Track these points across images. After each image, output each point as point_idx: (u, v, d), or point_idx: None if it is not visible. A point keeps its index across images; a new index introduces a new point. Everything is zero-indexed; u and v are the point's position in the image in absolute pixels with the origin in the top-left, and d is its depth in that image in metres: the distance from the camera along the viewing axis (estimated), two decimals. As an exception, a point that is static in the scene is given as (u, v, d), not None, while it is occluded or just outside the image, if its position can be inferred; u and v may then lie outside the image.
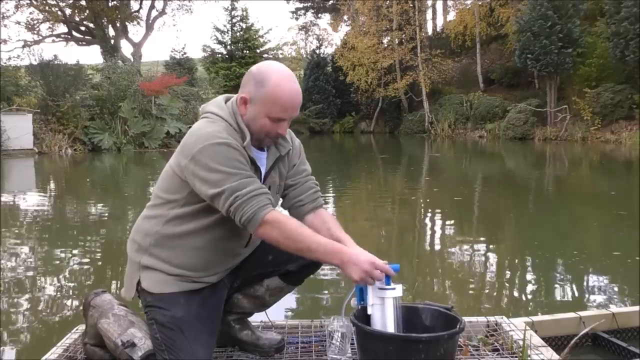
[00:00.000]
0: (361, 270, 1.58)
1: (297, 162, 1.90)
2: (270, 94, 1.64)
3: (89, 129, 19.15)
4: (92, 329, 1.87)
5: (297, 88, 1.68)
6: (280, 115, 1.66)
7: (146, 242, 1.77)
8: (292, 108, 1.67)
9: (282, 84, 1.65)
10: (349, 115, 33.01)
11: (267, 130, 1.68)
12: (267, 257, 1.90)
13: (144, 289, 1.77)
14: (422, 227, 6.63)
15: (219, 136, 1.62)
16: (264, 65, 1.70)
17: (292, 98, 1.66)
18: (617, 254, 4.93)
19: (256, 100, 1.66)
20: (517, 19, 23.02)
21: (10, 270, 4.56)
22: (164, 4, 33.37)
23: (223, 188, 1.59)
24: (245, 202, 1.59)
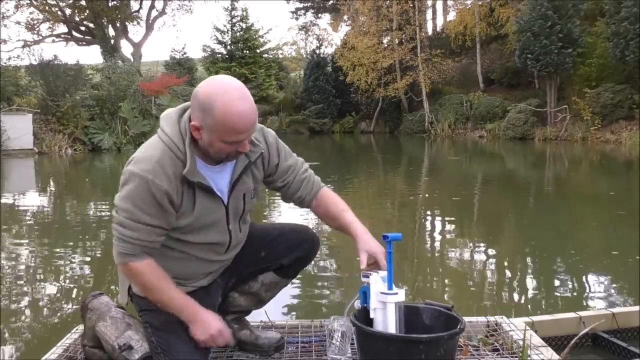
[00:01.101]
0: (208, 332, 1.67)
1: (278, 161, 1.84)
2: (220, 121, 1.52)
3: (89, 129, 19.16)
4: (91, 331, 1.87)
5: (246, 108, 1.54)
6: (236, 138, 1.57)
7: None
8: (246, 129, 1.56)
9: (230, 109, 1.52)
10: (349, 115, 33.01)
11: (227, 152, 1.61)
12: (260, 254, 1.90)
13: (135, 293, 1.77)
14: (422, 227, 6.63)
15: (147, 169, 1.57)
16: (207, 88, 1.56)
17: (243, 120, 1.54)
18: (617, 254, 4.93)
19: (207, 128, 1.55)
20: (517, 19, 23.02)
21: (10, 271, 4.55)
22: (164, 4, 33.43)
23: (115, 215, 1.63)
24: (123, 241, 1.61)
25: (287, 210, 6.96)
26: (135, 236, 1.60)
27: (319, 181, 1.93)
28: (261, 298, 1.99)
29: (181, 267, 1.75)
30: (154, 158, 1.59)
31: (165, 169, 1.58)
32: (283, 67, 38.67)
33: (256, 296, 1.98)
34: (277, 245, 1.90)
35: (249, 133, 1.59)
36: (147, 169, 1.57)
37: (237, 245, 1.86)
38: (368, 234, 1.81)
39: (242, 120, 1.54)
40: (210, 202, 1.68)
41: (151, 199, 1.57)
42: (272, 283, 1.96)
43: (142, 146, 1.67)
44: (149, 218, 1.59)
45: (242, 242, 1.89)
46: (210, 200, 1.68)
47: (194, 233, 1.70)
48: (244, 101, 1.55)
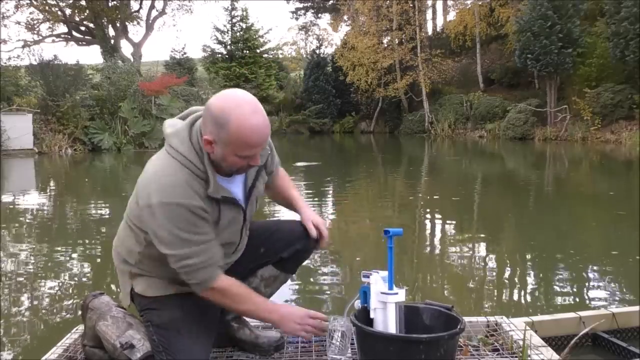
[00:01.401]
0: (295, 323, 1.75)
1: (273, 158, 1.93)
2: (234, 136, 1.53)
3: (89, 129, 19.16)
4: (91, 331, 1.87)
5: (260, 122, 1.55)
6: (250, 152, 1.58)
7: (131, 259, 1.77)
8: (260, 143, 1.58)
9: (244, 123, 1.53)
10: (349, 115, 33.01)
11: (239, 166, 1.63)
12: (259, 250, 1.90)
13: (138, 293, 1.77)
14: (422, 227, 6.63)
15: (178, 194, 1.55)
16: (221, 102, 1.56)
17: (257, 135, 1.55)
18: (617, 254, 4.93)
19: (221, 142, 1.56)
20: (517, 19, 23.02)
21: (10, 271, 4.56)
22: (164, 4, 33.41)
23: (174, 252, 1.59)
24: (195, 271, 1.61)
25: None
26: (206, 258, 1.61)
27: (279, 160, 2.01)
28: (261, 294, 1.99)
29: None
30: (178, 182, 1.57)
31: (194, 189, 1.59)
32: (283, 67, 38.67)
33: (256, 292, 1.98)
34: (276, 241, 1.91)
35: (262, 146, 1.61)
36: (177, 194, 1.56)
37: (244, 246, 1.87)
38: (310, 209, 1.96)
39: (255, 135, 1.55)
40: (234, 213, 1.71)
41: (198, 218, 1.58)
42: (272, 277, 1.95)
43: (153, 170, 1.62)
44: (206, 236, 1.61)
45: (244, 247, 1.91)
46: (234, 210, 1.71)
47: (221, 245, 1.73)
48: (257, 115, 1.55)
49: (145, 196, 1.59)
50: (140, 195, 1.62)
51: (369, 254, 5.24)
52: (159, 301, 1.74)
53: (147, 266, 1.75)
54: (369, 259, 4.98)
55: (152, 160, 1.69)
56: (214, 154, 1.59)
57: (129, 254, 1.76)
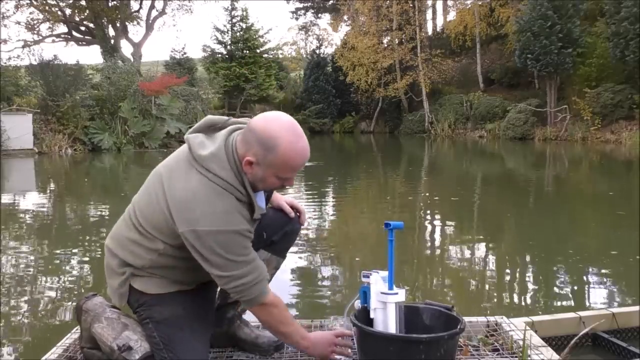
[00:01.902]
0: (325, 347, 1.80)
1: None
2: (281, 159, 1.57)
3: (89, 129, 19.16)
4: (87, 333, 1.85)
5: (306, 147, 1.61)
6: (291, 175, 1.65)
7: (138, 263, 1.72)
8: (302, 166, 1.65)
9: (293, 147, 1.57)
10: (349, 115, 33.01)
11: (275, 187, 1.70)
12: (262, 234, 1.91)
13: (137, 289, 1.74)
14: (422, 227, 6.63)
15: (230, 221, 1.57)
16: (269, 125, 1.58)
17: (303, 159, 1.62)
18: (617, 254, 4.92)
19: (265, 164, 1.58)
20: (517, 19, 23.03)
21: (10, 271, 4.55)
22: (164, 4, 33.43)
23: (226, 274, 1.61)
24: (249, 289, 1.64)
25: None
26: (255, 275, 1.64)
27: None
28: None
29: (192, 275, 1.75)
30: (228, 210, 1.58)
31: (242, 214, 1.62)
32: (283, 67, 38.66)
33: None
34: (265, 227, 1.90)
35: (301, 168, 1.67)
36: (229, 221, 1.57)
37: None
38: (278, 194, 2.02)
39: (301, 159, 1.61)
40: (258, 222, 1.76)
41: (246, 241, 1.63)
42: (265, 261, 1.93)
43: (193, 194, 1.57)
44: (252, 254, 1.65)
45: None
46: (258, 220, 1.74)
47: None
48: (303, 140, 1.61)
49: (188, 221, 1.56)
50: (179, 217, 1.58)
51: (369, 254, 5.24)
52: (160, 298, 1.72)
53: (155, 270, 1.73)
54: (369, 259, 4.98)
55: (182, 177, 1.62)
56: (252, 175, 1.62)
57: (135, 258, 1.72)
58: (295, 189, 9.82)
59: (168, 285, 1.74)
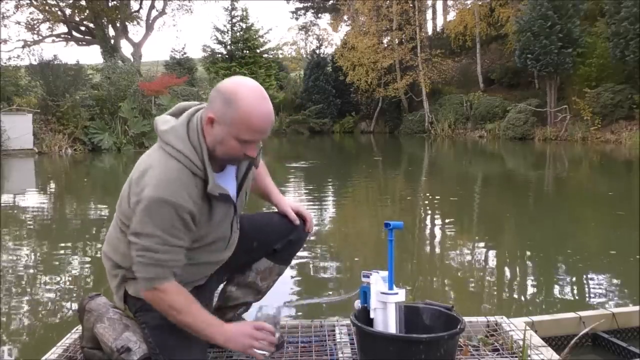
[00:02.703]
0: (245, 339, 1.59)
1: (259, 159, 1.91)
2: (240, 116, 1.51)
3: (89, 129, 19.16)
4: (89, 333, 1.86)
5: (269, 109, 1.56)
6: (250, 137, 1.55)
7: (125, 262, 1.72)
8: (264, 130, 1.56)
9: (254, 105, 1.53)
10: (349, 115, 33.00)
11: (234, 154, 1.59)
12: (252, 244, 1.88)
13: (132, 295, 1.74)
14: (422, 227, 6.63)
15: (171, 191, 1.52)
16: (233, 82, 1.57)
17: (264, 120, 1.54)
18: (617, 254, 4.92)
19: (224, 121, 1.53)
20: (517, 19, 23.02)
21: (10, 271, 4.55)
22: (164, 4, 33.42)
23: (139, 242, 1.55)
24: (150, 265, 1.55)
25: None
26: (168, 258, 1.56)
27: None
28: (258, 288, 1.98)
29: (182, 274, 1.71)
30: (174, 180, 1.55)
31: (188, 190, 1.56)
32: (283, 67, 38.66)
33: (252, 286, 1.96)
34: (269, 234, 1.89)
35: (263, 135, 1.59)
36: (170, 192, 1.53)
37: (235, 242, 1.85)
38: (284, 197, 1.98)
39: (262, 120, 1.54)
40: (226, 208, 1.69)
41: (180, 222, 1.55)
42: (267, 270, 1.94)
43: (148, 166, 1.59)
44: (179, 240, 1.56)
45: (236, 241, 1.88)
46: (226, 206, 1.68)
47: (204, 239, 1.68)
48: (266, 102, 1.56)
49: (138, 191, 1.55)
50: (132, 191, 1.58)
51: (369, 254, 5.24)
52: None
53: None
54: (369, 259, 4.98)
55: (145, 157, 1.64)
56: (213, 137, 1.57)
57: (123, 258, 1.71)
58: (296, 189, 9.82)
59: None
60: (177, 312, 1.57)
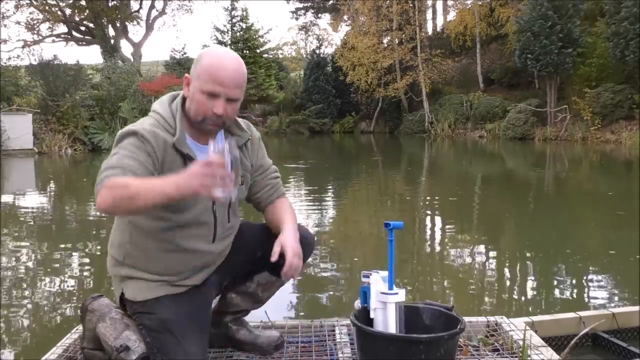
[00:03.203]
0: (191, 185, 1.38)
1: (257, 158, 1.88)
2: (204, 67, 1.63)
3: (89, 129, 19.16)
4: (91, 333, 1.87)
5: (232, 63, 1.63)
6: (213, 88, 1.60)
7: (120, 254, 1.77)
8: (225, 81, 1.60)
9: (217, 58, 1.65)
10: (349, 115, 32.98)
11: (203, 110, 1.63)
12: (257, 254, 1.88)
13: (127, 299, 1.76)
14: (422, 227, 6.63)
15: (138, 129, 1.63)
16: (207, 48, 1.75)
17: (225, 71, 1.61)
18: (617, 254, 4.93)
19: (194, 77, 1.65)
20: (517, 19, 23.02)
21: (10, 271, 4.55)
22: (164, 4, 33.44)
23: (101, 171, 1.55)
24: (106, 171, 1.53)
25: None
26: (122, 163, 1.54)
27: (281, 190, 1.94)
28: (258, 298, 1.98)
29: (169, 260, 1.72)
30: (146, 126, 1.65)
31: (157, 137, 1.63)
32: (283, 67, 38.65)
33: (253, 296, 1.97)
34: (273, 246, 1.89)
35: (227, 89, 1.62)
36: (139, 128, 1.63)
37: (226, 237, 1.82)
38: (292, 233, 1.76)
39: (223, 71, 1.61)
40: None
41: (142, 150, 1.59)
42: (269, 283, 1.94)
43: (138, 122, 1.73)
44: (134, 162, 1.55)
45: (232, 235, 1.86)
46: None
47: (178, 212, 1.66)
48: (232, 59, 1.65)
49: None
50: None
51: (369, 254, 5.24)
52: (148, 304, 1.72)
53: (135, 260, 1.74)
54: (369, 259, 4.98)
55: None
56: (188, 97, 1.68)
57: (119, 249, 1.77)
58: (295, 189, 9.82)
59: (154, 288, 1.73)
60: (126, 190, 1.44)
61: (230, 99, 1.64)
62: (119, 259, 1.79)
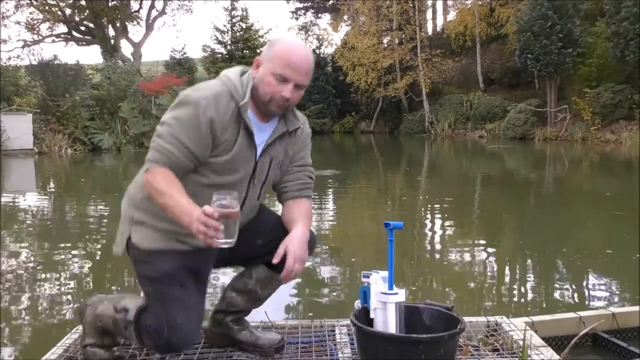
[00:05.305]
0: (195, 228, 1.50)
1: (300, 149, 1.91)
2: (277, 52, 1.70)
3: (89, 129, 19.16)
4: (91, 327, 1.91)
5: (306, 52, 1.74)
6: (284, 72, 1.68)
7: (139, 195, 1.80)
8: (297, 68, 1.69)
9: (291, 45, 1.74)
10: (349, 115, 32.99)
11: (272, 91, 1.69)
12: (257, 241, 1.88)
13: (133, 243, 1.79)
14: (422, 227, 6.63)
15: (202, 96, 1.68)
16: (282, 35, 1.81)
17: (298, 57, 1.70)
18: (617, 254, 4.92)
19: (265, 60, 1.72)
20: (517, 19, 23.03)
21: (10, 271, 4.55)
22: (164, 4, 33.36)
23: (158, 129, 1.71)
24: (155, 149, 1.70)
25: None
26: (168, 148, 1.67)
27: (309, 192, 1.95)
28: (257, 296, 1.98)
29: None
30: (213, 90, 1.71)
31: (220, 102, 1.69)
32: (283, 67, 38.57)
33: (252, 294, 1.97)
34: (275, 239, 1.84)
35: (298, 75, 1.70)
36: (202, 96, 1.68)
37: (248, 213, 1.85)
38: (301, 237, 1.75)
39: (296, 57, 1.69)
40: (247, 151, 1.76)
41: (197, 123, 1.66)
42: (267, 279, 1.93)
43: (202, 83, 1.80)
44: (187, 139, 1.67)
45: (250, 216, 1.88)
46: (248, 148, 1.75)
47: (218, 173, 1.74)
48: (304, 48, 1.76)
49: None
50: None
51: (369, 254, 5.24)
52: (152, 254, 1.76)
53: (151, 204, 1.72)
54: (369, 259, 4.98)
55: None
56: (257, 77, 1.72)
57: (141, 190, 1.78)
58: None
59: (161, 239, 1.75)
60: (158, 194, 1.65)
61: (298, 85, 1.71)
62: (136, 200, 1.81)
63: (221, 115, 1.69)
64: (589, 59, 21.70)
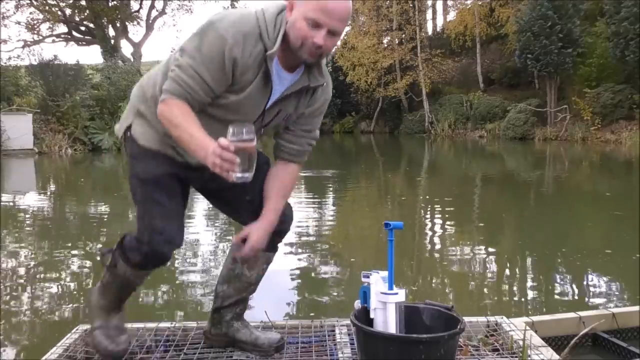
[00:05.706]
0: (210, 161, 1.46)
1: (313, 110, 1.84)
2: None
3: (89, 129, 19.16)
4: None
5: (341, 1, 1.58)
6: (317, 16, 1.55)
7: (150, 91, 1.78)
8: (331, 12, 1.56)
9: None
10: (349, 115, 33.00)
11: (303, 35, 1.57)
12: (245, 197, 1.86)
13: (132, 135, 1.81)
14: (422, 227, 6.63)
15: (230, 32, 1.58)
16: None
17: (334, 3, 1.56)
18: (617, 254, 4.92)
19: (299, 3, 1.59)
20: (517, 19, 23.04)
21: (10, 271, 4.56)
22: (164, 4, 33.34)
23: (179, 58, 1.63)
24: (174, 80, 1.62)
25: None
26: (188, 82, 1.61)
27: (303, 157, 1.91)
28: (248, 280, 1.95)
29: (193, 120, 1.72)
30: (243, 28, 1.60)
31: (247, 43, 1.60)
32: (283, 67, 38.62)
33: (242, 278, 1.94)
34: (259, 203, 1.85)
35: (331, 20, 1.57)
36: (230, 32, 1.58)
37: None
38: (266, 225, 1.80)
39: (332, 2, 1.56)
40: (259, 98, 1.70)
41: (220, 59, 1.59)
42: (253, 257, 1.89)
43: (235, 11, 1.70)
44: (207, 74, 1.60)
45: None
46: (261, 95, 1.69)
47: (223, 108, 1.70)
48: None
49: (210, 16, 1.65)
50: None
51: (369, 254, 5.24)
52: (147, 154, 1.78)
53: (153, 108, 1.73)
54: (369, 259, 4.98)
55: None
56: (289, 22, 1.60)
57: (152, 87, 1.77)
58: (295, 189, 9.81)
59: (159, 142, 1.77)
60: (173, 126, 1.61)
61: (332, 31, 1.59)
62: (146, 95, 1.79)
63: (245, 58, 1.61)
64: (589, 59, 21.70)
